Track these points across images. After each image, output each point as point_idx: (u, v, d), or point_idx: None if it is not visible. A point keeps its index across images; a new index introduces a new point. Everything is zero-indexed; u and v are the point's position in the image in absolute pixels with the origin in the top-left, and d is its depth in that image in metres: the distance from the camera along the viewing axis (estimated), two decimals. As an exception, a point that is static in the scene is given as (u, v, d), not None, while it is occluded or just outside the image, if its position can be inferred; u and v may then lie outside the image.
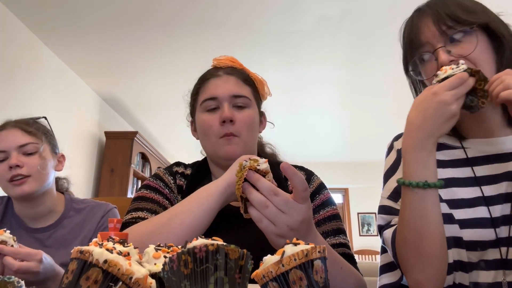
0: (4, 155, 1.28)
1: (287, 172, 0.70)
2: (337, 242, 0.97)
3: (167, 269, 0.46)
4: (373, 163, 6.05)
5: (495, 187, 0.83)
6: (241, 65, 1.12)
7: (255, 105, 1.08)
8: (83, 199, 1.44)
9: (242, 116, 1.02)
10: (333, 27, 3.02)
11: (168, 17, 2.91)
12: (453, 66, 0.78)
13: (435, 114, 0.74)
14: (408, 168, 0.76)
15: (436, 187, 0.74)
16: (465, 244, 0.79)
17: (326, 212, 1.01)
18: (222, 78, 1.06)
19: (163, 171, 1.08)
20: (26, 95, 3.05)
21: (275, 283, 0.48)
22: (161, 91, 4.14)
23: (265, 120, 1.16)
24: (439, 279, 0.76)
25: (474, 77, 0.77)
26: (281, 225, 0.70)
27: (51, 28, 3.07)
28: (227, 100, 1.02)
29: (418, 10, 0.91)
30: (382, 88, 3.98)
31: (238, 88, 1.05)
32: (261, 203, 0.70)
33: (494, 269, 0.79)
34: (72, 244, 1.27)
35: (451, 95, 0.74)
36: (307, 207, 0.72)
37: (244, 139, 1.02)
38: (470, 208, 0.82)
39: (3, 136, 1.30)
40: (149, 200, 0.99)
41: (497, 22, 0.85)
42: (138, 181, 4.83)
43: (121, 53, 3.41)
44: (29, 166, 1.28)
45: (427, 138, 0.75)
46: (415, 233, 0.75)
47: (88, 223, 1.35)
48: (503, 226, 0.79)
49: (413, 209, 0.75)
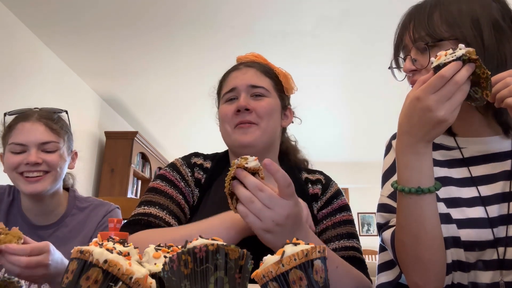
0: (22, 148, 1.23)
1: (269, 169, 0.72)
2: (350, 245, 0.98)
3: (167, 269, 0.46)
4: (373, 163, 6.04)
5: (491, 187, 0.82)
6: (265, 60, 1.14)
7: (275, 97, 1.08)
8: (86, 197, 1.41)
9: (260, 104, 1.03)
10: (333, 27, 3.02)
11: (168, 17, 2.91)
12: (449, 52, 0.69)
13: (421, 121, 0.69)
14: (400, 172, 0.75)
15: (430, 192, 0.72)
16: (463, 244, 0.78)
17: (342, 216, 1.03)
18: (241, 70, 1.09)
19: (181, 162, 1.08)
20: (26, 95, 3.05)
21: (275, 283, 0.48)
22: (161, 91, 4.14)
23: (291, 114, 1.15)
24: (438, 282, 0.76)
25: (476, 63, 0.67)
26: (266, 220, 0.71)
27: (51, 28, 3.07)
28: (245, 90, 1.04)
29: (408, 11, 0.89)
30: (382, 88, 3.98)
31: (256, 79, 1.06)
32: (247, 198, 0.72)
33: (492, 269, 0.78)
34: (73, 243, 1.26)
35: (435, 101, 0.67)
36: (292, 203, 0.73)
37: (262, 127, 1.02)
38: (467, 208, 0.81)
39: (25, 128, 1.25)
40: (163, 194, 0.99)
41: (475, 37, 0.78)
42: (138, 181, 4.84)
43: (122, 53, 3.41)
44: (48, 164, 1.25)
45: (416, 143, 0.71)
46: (412, 238, 0.74)
47: (89, 223, 1.33)
48: (500, 226, 0.79)
49: (409, 214, 0.74)
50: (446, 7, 0.82)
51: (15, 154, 1.24)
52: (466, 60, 0.67)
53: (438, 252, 0.74)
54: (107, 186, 4.22)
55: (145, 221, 0.93)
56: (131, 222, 0.94)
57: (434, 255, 0.74)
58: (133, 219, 0.95)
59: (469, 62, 0.67)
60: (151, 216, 0.94)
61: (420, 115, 0.69)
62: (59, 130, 1.30)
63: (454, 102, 0.67)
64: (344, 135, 5.60)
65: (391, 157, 0.95)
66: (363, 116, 4.83)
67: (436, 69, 0.69)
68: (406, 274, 0.78)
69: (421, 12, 0.84)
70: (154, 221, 0.93)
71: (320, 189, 1.07)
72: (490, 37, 0.78)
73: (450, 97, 0.67)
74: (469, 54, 0.67)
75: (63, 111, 1.39)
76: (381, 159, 1.00)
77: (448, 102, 0.67)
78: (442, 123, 0.68)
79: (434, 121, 0.68)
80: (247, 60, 1.13)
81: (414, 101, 0.70)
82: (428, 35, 0.81)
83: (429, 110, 0.67)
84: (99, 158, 4.39)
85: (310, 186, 1.08)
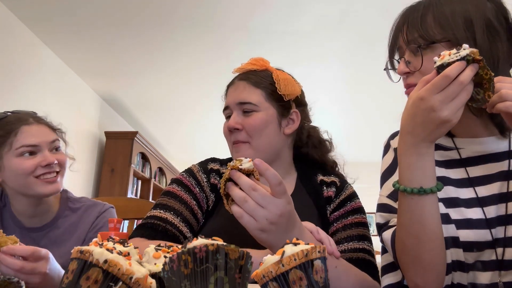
0: (34, 149, 1.22)
1: (259, 168, 0.73)
2: (360, 247, 0.97)
3: (167, 269, 0.46)
4: (373, 163, 6.02)
5: (488, 188, 0.82)
6: (264, 65, 1.12)
7: (268, 107, 1.07)
8: (79, 198, 1.40)
9: (249, 121, 1.05)
10: (333, 27, 3.02)
11: (168, 17, 2.91)
12: (453, 52, 0.68)
13: (424, 121, 0.69)
14: (402, 172, 0.74)
15: (432, 192, 0.72)
16: (462, 244, 0.78)
17: (354, 218, 1.03)
18: (234, 86, 1.11)
19: (197, 168, 1.11)
20: (25, 95, 3.05)
21: (275, 283, 0.48)
22: (162, 91, 4.14)
23: (298, 118, 1.12)
24: (438, 283, 0.75)
25: (479, 64, 0.67)
26: (260, 219, 0.72)
27: (51, 27, 3.07)
28: (235, 108, 1.07)
29: (402, 12, 0.89)
30: (382, 88, 3.98)
31: (245, 94, 1.06)
32: (241, 198, 0.73)
33: (490, 270, 0.78)
34: (66, 245, 1.25)
35: (439, 101, 0.66)
36: (285, 201, 0.74)
37: (254, 145, 1.04)
38: (465, 209, 0.81)
39: (33, 130, 1.25)
40: (178, 199, 1.02)
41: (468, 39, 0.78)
42: (138, 181, 4.83)
43: (122, 53, 3.41)
44: (60, 163, 1.26)
45: (419, 143, 0.71)
46: (414, 239, 0.74)
47: (82, 224, 1.31)
48: (499, 227, 0.78)
49: (411, 215, 0.74)
50: (439, 8, 0.81)
51: (27, 158, 1.21)
52: (470, 60, 0.66)
53: (439, 253, 0.74)
54: (107, 186, 4.22)
55: (162, 228, 0.97)
56: (148, 225, 0.97)
57: (435, 256, 0.74)
58: (151, 223, 0.98)
59: (473, 62, 0.67)
60: (168, 223, 0.97)
61: (423, 115, 0.68)
62: (56, 128, 1.33)
63: (458, 102, 0.67)
64: (344, 134, 5.60)
65: (389, 157, 0.95)
66: (363, 115, 4.83)
67: (440, 68, 0.68)
68: (406, 274, 0.78)
69: (415, 13, 0.83)
70: (170, 229, 0.97)
71: (334, 192, 1.08)
72: (482, 38, 0.77)
73: (454, 97, 0.66)
74: (473, 54, 0.66)
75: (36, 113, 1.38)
76: (381, 159, 0.99)
77: (452, 102, 0.67)
78: (446, 123, 0.67)
79: (438, 121, 0.67)
80: (241, 70, 1.12)
81: (418, 101, 0.69)
82: (421, 37, 0.80)
83: (433, 110, 0.67)
84: (99, 158, 4.39)
85: (324, 189, 1.09)
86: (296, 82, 1.14)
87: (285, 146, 1.11)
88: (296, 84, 1.13)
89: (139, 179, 4.87)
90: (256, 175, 0.77)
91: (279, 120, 1.08)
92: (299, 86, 1.14)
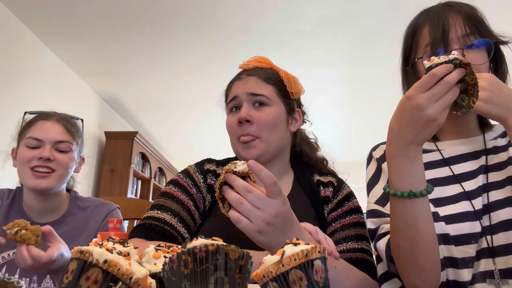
0: (37, 143, 1.29)
1: (253, 169, 0.73)
2: (359, 247, 0.97)
3: (167, 269, 0.46)
4: (373, 163, 6.04)
5: (474, 182, 0.85)
6: (269, 64, 1.12)
7: (279, 103, 1.07)
8: (87, 198, 1.46)
9: (261, 115, 1.03)
10: (333, 27, 3.02)
11: (168, 17, 2.91)
12: (442, 56, 0.70)
13: (411, 121, 0.69)
14: (392, 176, 0.75)
15: (422, 195, 0.72)
16: (453, 239, 0.80)
17: (352, 218, 1.03)
18: (243, 80, 1.09)
19: (194, 168, 1.10)
20: (25, 95, 3.04)
21: (275, 283, 0.48)
22: (162, 91, 4.14)
23: (301, 117, 1.15)
24: (435, 281, 0.77)
25: (466, 69, 0.69)
26: (256, 220, 0.72)
27: (50, 27, 3.07)
28: (246, 100, 1.05)
29: (447, 4, 0.89)
30: (381, 88, 3.98)
31: (256, 87, 1.05)
32: (236, 200, 0.72)
33: (484, 257, 0.80)
34: (76, 241, 1.29)
35: (426, 99, 0.67)
36: (280, 202, 0.74)
37: (265, 139, 1.03)
38: (454, 204, 0.83)
39: (45, 126, 1.32)
40: (175, 200, 1.02)
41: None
42: (138, 181, 4.83)
43: (121, 52, 3.41)
44: (59, 162, 1.30)
45: (407, 145, 0.71)
46: (409, 242, 0.75)
47: (92, 222, 1.37)
48: (484, 216, 0.81)
49: (403, 218, 0.74)
50: (482, 14, 0.89)
51: (29, 149, 1.29)
52: (457, 64, 0.68)
53: (433, 253, 0.76)
54: (107, 186, 4.22)
55: (160, 228, 0.96)
56: (145, 226, 0.97)
57: (430, 256, 0.75)
58: (148, 223, 0.97)
59: (460, 67, 0.68)
60: (166, 224, 0.97)
61: (410, 114, 0.69)
62: (74, 133, 1.38)
63: (444, 102, 0.68)
64: (343, 135, 5.60)
65: (372, 167, 0.99)
66: (363, 116, 4.82)
67: (428, 70, 0.70)
68: (404, 275, 0.79)
69: (468, 8, 0.87)
70: (168, 230, 0.97)
71: (331, 192, 1.08)
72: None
73: (440, 97, 0.68)
74: (461, 59, 0.68)
75: (79, 119, 1.48)
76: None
77: (438, 102, 0.68)
78: (432, 122, 0.68)
79: (424, 120, 0.68)
80: (249, 67, 1.11)
81: (405, 101, 0.70)
82: (482, 33, 0.84)
83: (419, 109, 0.68)
84: (99, 158, 4.39)
85: (321, 189, 1.08)
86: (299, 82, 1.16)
87: (288, 144, 1.12)
88: (300, 84, 1.15)
89: (139, 179, 4.87)
90: (252, 177, 0.77)
91: (286, 118, 1.09)
92: (301, 86, 1.15)
